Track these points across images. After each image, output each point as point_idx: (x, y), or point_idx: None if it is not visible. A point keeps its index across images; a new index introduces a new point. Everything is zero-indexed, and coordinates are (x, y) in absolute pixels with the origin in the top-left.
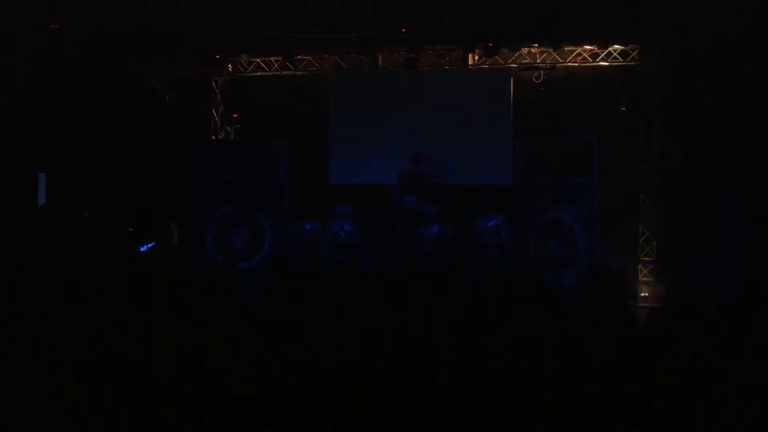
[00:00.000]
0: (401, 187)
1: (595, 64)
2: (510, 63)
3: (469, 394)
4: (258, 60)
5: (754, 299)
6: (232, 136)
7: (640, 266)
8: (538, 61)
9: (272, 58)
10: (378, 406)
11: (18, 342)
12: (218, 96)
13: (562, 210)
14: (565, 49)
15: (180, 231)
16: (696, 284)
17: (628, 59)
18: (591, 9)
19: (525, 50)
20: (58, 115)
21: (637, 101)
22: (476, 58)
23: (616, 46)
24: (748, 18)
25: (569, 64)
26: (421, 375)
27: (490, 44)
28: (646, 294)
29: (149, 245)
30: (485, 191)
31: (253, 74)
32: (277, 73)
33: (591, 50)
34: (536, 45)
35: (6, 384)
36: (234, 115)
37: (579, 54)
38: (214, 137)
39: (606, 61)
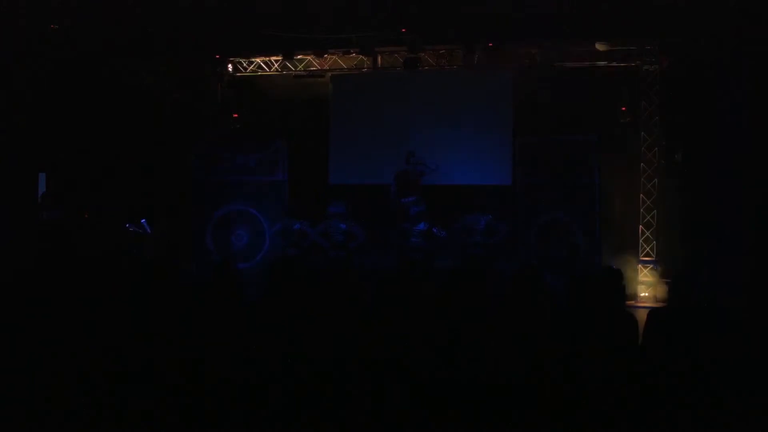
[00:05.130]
0: (397, 188)
1: (595, 64)
2: (510, 63)
3: (469, 393)
4: (258, 60)
5: (755, 299)
6: (232, 137)
7: (640, 266)
8: (538, 61)
9: (272, 58)
10: (377, 405)
11: (17, 341)
12: (218, 96)
13: (562, 210)
14: (565, 49)
15: (178, 230)
16: (696, 284)
17: (628, 59)
18: (591, 9)
19: (525, 50)
20: (58, 115)
21: (637, 101)
22: (476, 58)
23: (616, 46)
24: (748, 18)
25: (569, 64)
26: (420, 375)
27: (490, 44)
28: (646, 294)
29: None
30: (485, 191)
31: (253, 74)
32: (277, 73)
33: (591, 50)
34: (536, 45)
35: (6, 384)
36: (234, 115)
37: (579, 54)
38: (214, 137)
39: (606, 61)
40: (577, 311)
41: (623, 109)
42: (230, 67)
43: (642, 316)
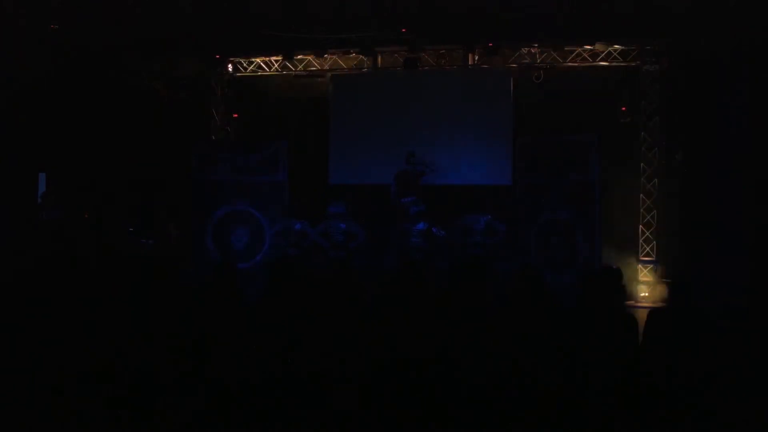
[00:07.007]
0: (397, 188)
1: (595, 64)
2: (510, 63)
3: (469, 393)
4: (258, 60)
5: (755, 299)
6: (232, 136)
7: (640, 266)
8: (538, 61)
9: (272, 58)
10: (377, 405)
11: (17, 341)
12: (218, 96)
13: (562, 210)
14: (565, 49)
15: (179, 231)
16: (696, 284)
17: (628, 59)
18: (591, 9)
19: (525, 50)
20: (58, 115)
21: (637, 101)
22: (476, 58)
23: (616, 46)
24: (748, 18)
25: (569, 64)
26: (420, 375)
27: (490, 44)
28: (646, 294)
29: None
30: (485, 191)
31: (253, 74)
32: (277, 73)
33: (591, 50)
34: (536, 45)
35: (6, 384)
36: (234, 115)
37: (579, 54)
38: (214, 137)
39: (606, 61)
40: (577, 311)
41: (623, 109)
42: (230, 67)
43: (642, 316)
